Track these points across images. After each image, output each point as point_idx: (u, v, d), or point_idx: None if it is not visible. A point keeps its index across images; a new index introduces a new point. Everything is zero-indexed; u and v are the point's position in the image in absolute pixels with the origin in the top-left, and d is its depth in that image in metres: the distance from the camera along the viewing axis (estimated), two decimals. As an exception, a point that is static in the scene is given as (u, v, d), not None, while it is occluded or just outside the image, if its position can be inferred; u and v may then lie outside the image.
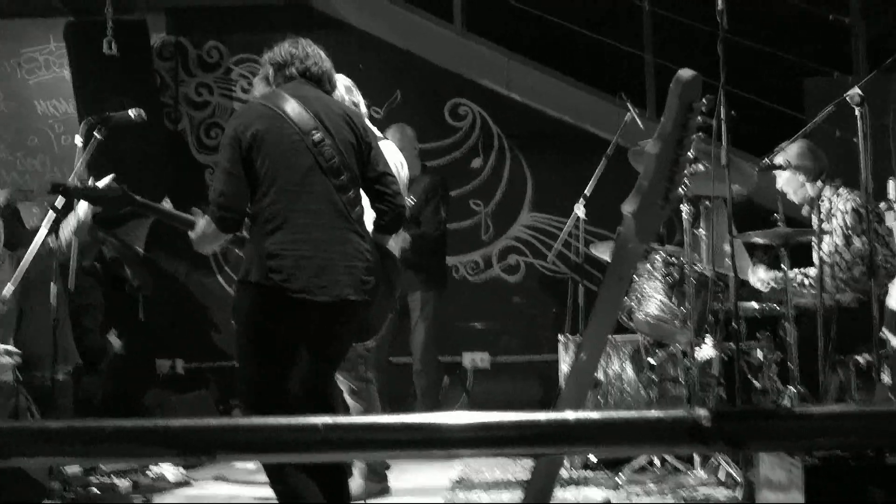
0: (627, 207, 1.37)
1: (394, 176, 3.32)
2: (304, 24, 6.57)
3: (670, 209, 1.39)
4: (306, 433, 1.23)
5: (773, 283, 4.63)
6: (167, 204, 6.28)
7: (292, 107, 3.08)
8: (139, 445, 1.23)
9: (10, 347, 3.79)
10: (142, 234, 6.79)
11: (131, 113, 4.17)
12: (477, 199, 6.82)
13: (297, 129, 3.05)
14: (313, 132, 3.06)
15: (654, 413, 1.23)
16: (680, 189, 1.40)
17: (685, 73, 1.33)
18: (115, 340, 5.65)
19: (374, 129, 3.81)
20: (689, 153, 1.37)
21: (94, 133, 4.15)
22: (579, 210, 5.13)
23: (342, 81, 3.91)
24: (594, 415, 1.22)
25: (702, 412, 1.22)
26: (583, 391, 1.41)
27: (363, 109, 4.05)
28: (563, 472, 4.55)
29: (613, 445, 1.29)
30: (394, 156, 4.07)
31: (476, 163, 6.84)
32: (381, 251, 3.24)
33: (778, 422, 1.22)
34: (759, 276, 4.72)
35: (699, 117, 1.36)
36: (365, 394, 4.21)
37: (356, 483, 4.10)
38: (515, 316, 6.72)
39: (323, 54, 3.31)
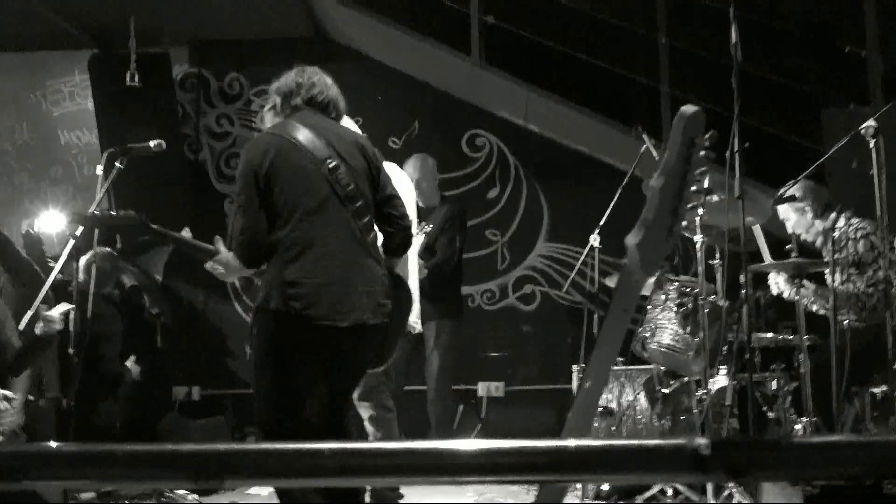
0: (632, 240, 1.39)
1: (401, 198, 3.35)
2: (324, 56, 6.67)
3: (674, 242, 1.41)
4: (313, 458, 1.26)
5: (786, 294, 4.65)
6: (187, 233, 6.35)
7: (305, 135, 3.11)
8: (149, 470, 1.25)
9: (8, 392, 3.84)
10: (160, 262, 6.87)
11: (151, 144, 4.23)
12: (493, 228, 6.86)
13: (312, 158, 3.08)
14: (328, 160, 3.08)
15: (653, 441, 1.25)
16: (685, 222, 1.43)
17: (688, 108, 1.36)
18: (133, 367, 5.69)
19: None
20: (692, 187, 1.40)
21: (115, 163, 4.22)
22: (594, 240, 5.15)
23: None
24: (594, 443, 1.24)
25: (702, 441, 1.23)
26: (588, 420, 1.44)
27: None
28: (576, 502, 4.54)
29: (613, 474, 1.31)
30: (402, 182, 4.11)
31: (493, 193, 6.89)
32: (392, 276, 3.27)
33: (778, 451, 1.23)
34: (778, 282, 4.71)
35: (702, 151, 1.39)
36: (384, 422, 4.23)
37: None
38: (530, 345, 6.73)
39: (329, 81, 3.34)
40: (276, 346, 3.03)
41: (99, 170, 4.33)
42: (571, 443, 1.26)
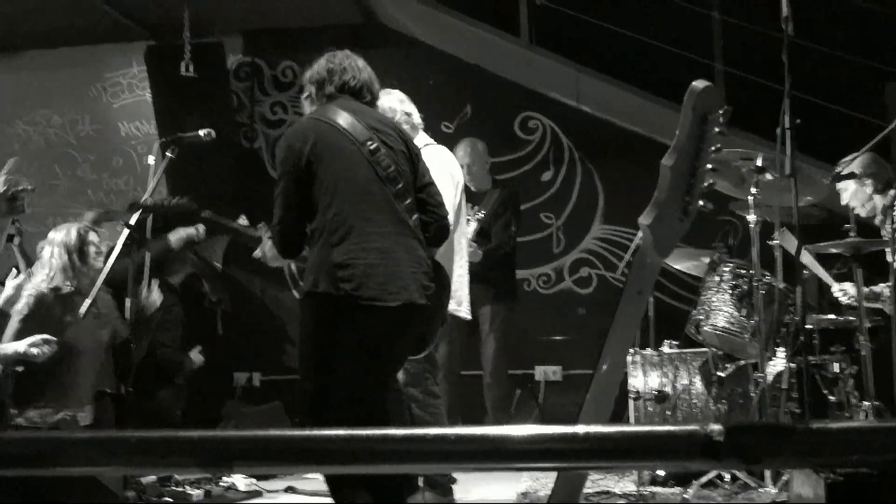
0: (644, 220, 1.36)
1: (437, 187, 3.34)
2: (375, 41, 6.69)
3: (690, 222, 1.37)
4: (320, 444, 1.26)
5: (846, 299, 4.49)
6: (243, 220, 6.45)
7: (345, 118, 3.12)
8: (161, 456, 1.27)
9: (48, 336, 3.91)
10: (219, 250, 6.97)
11: (201, 133, 4.29)
12: (548, 211, 6.80)
13: (353, 140, 3.08)
14: (368, 142, 3.09)
15: (665, 428, 1.22)
16: (701, 202, 1.38)
17: (699, 84, 1.32)
18: (197, 357, 5.78)
19: (426, 136, 3.85)
20: (707, 165, 1.36)
21: (167, 152, 4.29)
22: (649, 221, 5.06)
23: (395, 95, 3.97)
24: (604, 429, 1.22)
25: (715, 427, 1.20)
26: (605, 405, 1.41)
27: (416, 120, 4.07)
28: (632, 488, 4.50)
29: (625, 460, 1.28)
30: (449, 165, 4.08)
31: (546, 176, 6.82)
32: (432, 261, 3.26)
33: (793, 438, 1.20)
34: (845, 289, 4.54)
35: (717, 128, 1.35)
36: (432, 408, 4.23)
37: (421, 497, 4.11)
38: (587, 328, 6.66)
39: (360, 64, 3.33)
40: (328, 330, 3.01)
41: (151, 159, 4.42)
42: (580, 429, 1.24)
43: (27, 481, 3.00)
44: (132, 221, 4.37)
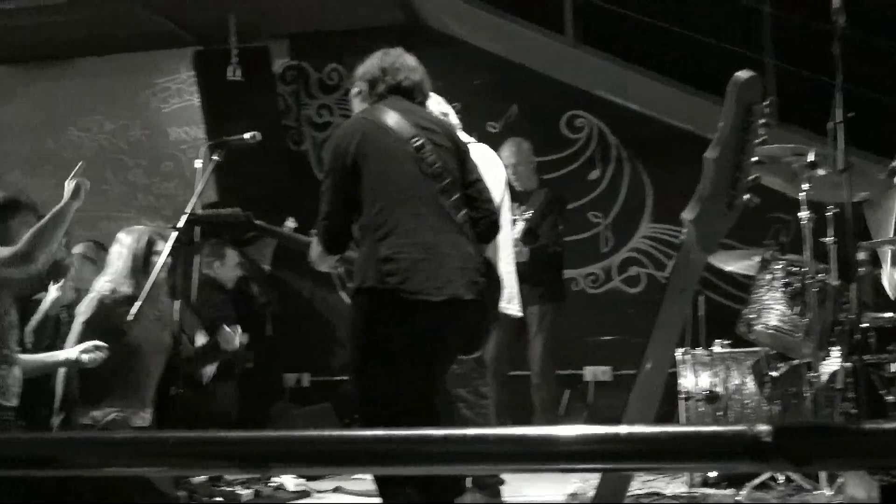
0: (688, 215, 1.33)
1: (485, 183, 3.33)
2: (420, 42, 6.64)
3: (735, 217, 1.33)
4: (357, 445, 1.25)
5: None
6: (291, 223, 6.49)
7: (392, 118, 3.12)
8: (198, 457, 1.26)
9: (100, 343, 3.95)
10: (268, 252, 7.03)
11: (247, 136, 4.32)
12: (596, 210, 6.74)
13: (398, 137, 3.09)
14: (413, 139, 3.10)
15: (711, 428, 1.18)
16: (746, 196, 1.34)
17: (742, 74, 1.28)
18: (235, 333, 5.81)
19: (465, 135, 3.84)
20: (752, 158, 1.32)
21: (213, 156, 4.33)
22: (698, 219, 4.98)
23: (432, 98, 3.96)
24: (647, 429, 1.18)
25: (763, 428, 1.16)
26: (650, 405, 1.37)
27: (454, 121, 4.06)
28: (683, 489, 4.44)
29: (669, 461, 1.25)
30: (492, 163, 4.07)
31: (594, 174, 6.76)
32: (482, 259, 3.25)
33: (845, 439, 1.15)
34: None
35: (762, 119, 1.31)
36: (480, 409, 4.21)
37: (470, 498, 4.09)
38: (637, 328, 6.57)
39: (412, 63, 3.33)
40: (375, 325, 3.01)
41: (197, 163, 4.47)
42: (623, 429, 1.21)
43: (79, 481, 3.04)
44: (180, 225, 4.44)
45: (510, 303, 4.23)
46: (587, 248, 6.71)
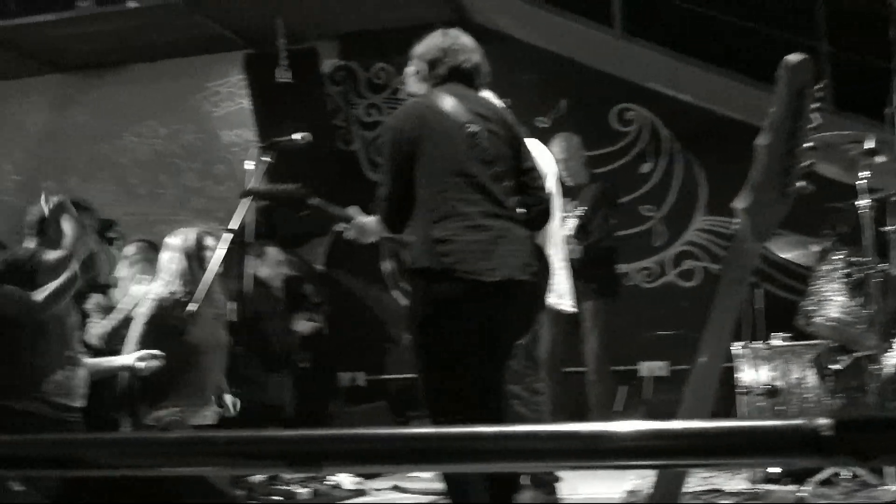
0: (740, 204, 1.29)
1: (539, 171, 3.34)
2: (468, 39, 6.66)
3: (789, 205, 1.30)
4: (407, 442, 1.24)
5: None
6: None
7: (449, 102, 3.14)
8: (249, 456, 1.26)
9: (156, 351, 3.97)
10: (320, 252, 7.08)
11: (297, 137, 4.34)
12: (648, 204, 6.66)
13: (454, 123, 3.11)
14: (468, 125, 3.11)
15: (768, 422, 1.15)
16: (800, 183, 1.31)
17: (793, 57, 1.24)
18: (304, 325, 5.87)
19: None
20: (805, 144, 1.28)
21: (264, 158, 4.37)
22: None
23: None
24: (701, 424, 1.16)
25: (823, 421, 1.12)
26: (704, 400, 1.34)
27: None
28: (744, 485, 4.36)
29: (724, 457, 1.22)
30: (541, 156, 4.05)
31: (645, 168, 6.68)
32: (533, 245, 3.25)
33: (910, 431, 1.11)
34: None
35: (815, 104, 1.27)
36: (535, 405, 4.18)
37: (529, 497, 4.07)
38: (692, 322, 6.48)
39: (471, 44, 3.32)
40: (430, 306, 3.01)
41: (248, 165, 4.51)
42: (676, 424, 1.18)
43: (137, 479, 3.08)
44: (233, 225, 4.48)
45: (562, 298, 4.20)
46: (640, 243, 6.63)
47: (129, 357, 3.79)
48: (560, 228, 4.44)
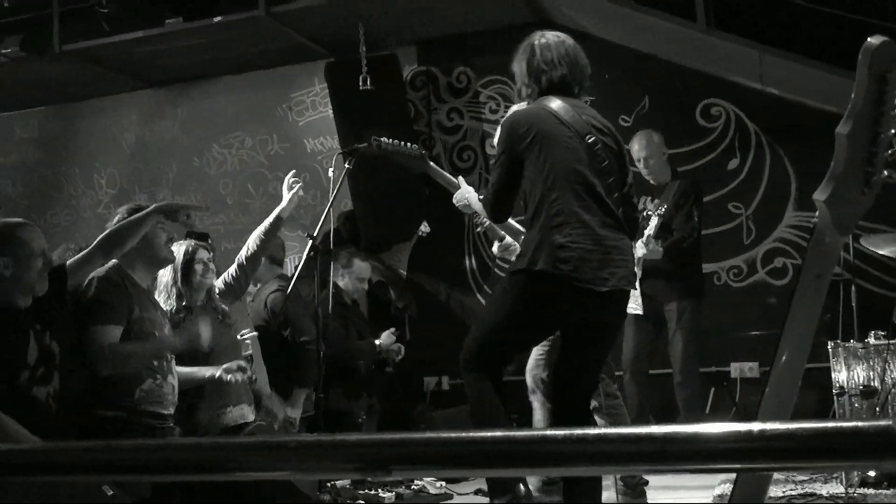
0: (820, 196, 1.24)
1: (633, 188, 3.48)
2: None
3: (873, 196, 1.24)
4: (477, 446, 1.22)
5: None
6: (425, 227, 6.55)
7: (567, 112, 3.23)
8: (319, 460, 1.26)
9: (243, 363, 3.99)
10: (404, 257, 7.11)
11: (373, 143, 4.37)
12: (736, 201, 6.49)
13: (575, 133, 3.21)
14: (588, 136, 3.22)
15: (852, 424, 1.09)
16: (885, 172, 1.24)
17: (874, 40, 1.18)
18: (387, 338, 5.91)
19: None
20: (890, 130, 1.22)
21: (345, 164, 4.42)
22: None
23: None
24: (781, 426, 1.11)
25: (913, 422, 1.07)
26: (786, 401, 1.29)
27: None
28: (840, 490, 4.21)
29: (805, 460, 1.16)
30: None
31: (733, 164, 6.53)
32: None
33: None
34: None
35: (899, 89, 1.21)
36: (612, 409, 4.13)
37: (616, 498, 4.03)
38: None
39: (570, 49, 3.35)
40: (540, 306, 3.16)
41: (330, 172, 4.57)
42: (755, 426, 1.13)
43: (223, 483, 3.13)
44: (315, 233, 4.53)
45: (633, 301, 4.15)
46: (729, 241, 6.47)
47: (217, 369, 3.84)
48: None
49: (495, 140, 3.70)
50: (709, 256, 6.00)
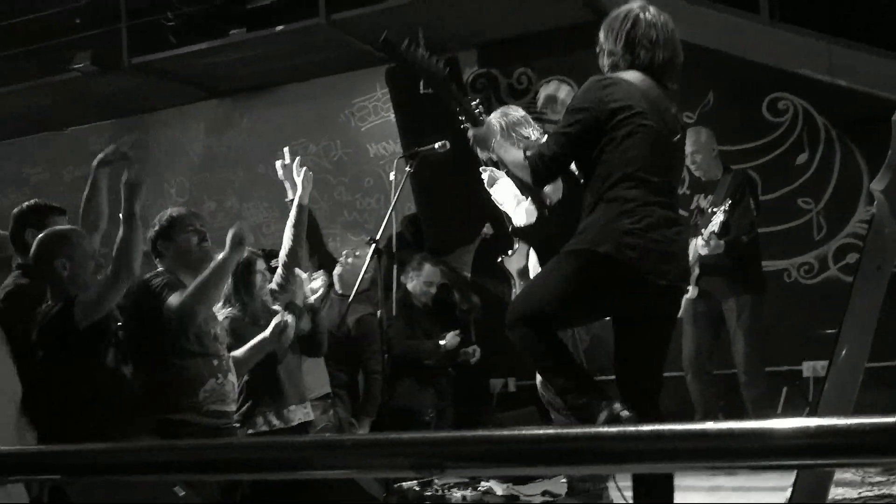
0: (877, 186, 1.21)
1: None
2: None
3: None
4: (528, 444, 1.22)
5: None
6: (489, 230, 6.55)
7: (662, 102, 3.08)
8: (374, 458, 1.28)
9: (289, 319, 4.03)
10: (468, 258, 7.12)
11: (436, 145, 4.41)
12: (806, 196, 6.36)
13: (667, 128, 3.07)
14: (674, 135, 3.11)
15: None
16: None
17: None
18: (452, 339, 5.93)
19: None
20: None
21: (406, 167, 4.46)
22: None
23: (515, 112, 3.89)
24: (839, 421, 1.08)
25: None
26: (846, 395, 1.26)
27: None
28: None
29: (865, 456, 1.13)
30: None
31: (802, 158, 6.39)
32: None
33: None
34: None
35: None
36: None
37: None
38: (860, 319, 6.14)
39: (674, 35, 3.21)
40: (596, 287, 3.04)
41: (392, 175, 4.61)
42: (812, 422, 1.11)
43: (291, 485, 3.18)
44: (377, 237, 4.58)
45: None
46: (799, 237, 6.34)
47: (266, 331, 3.92)
48: None
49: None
50: (778, 253, 5.89)
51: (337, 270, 5.51)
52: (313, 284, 4.35)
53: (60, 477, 1.68)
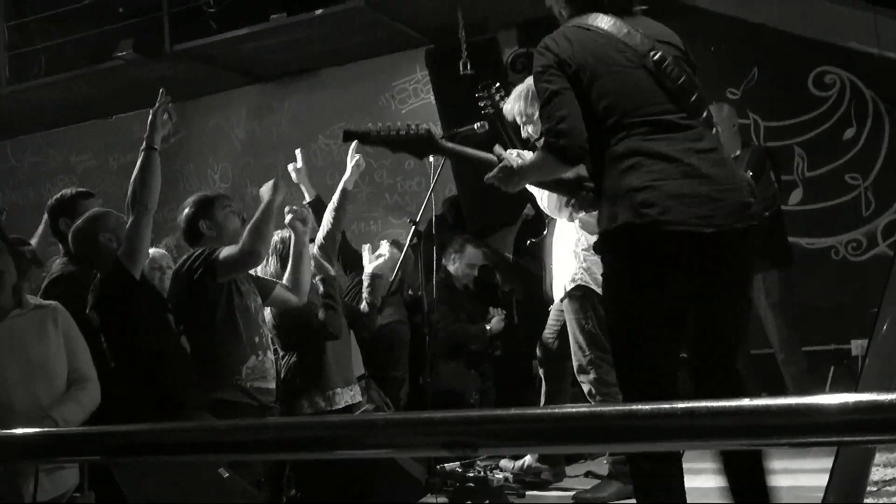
0: (919, 157, 1.16)
1: None
2: (652, 13, 6.46)
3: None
4: (561, 423, 1.21)
5: None
6: (530, 210, 6.50)
7: (616, 26, 2.63)
8: (406, 437, 1.28)
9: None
10: (510, 240, 7.09)
11: (475, 126, 4.39)
12: (853, 172, 6.23)
13: (632, 52, 2.61)
14: (651, 52, 2.61)
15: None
16: None
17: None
18: (497, 324, 5.93)
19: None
20: None
21: (445, 148, 4.42)
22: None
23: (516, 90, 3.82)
24: (879, 397, 1.06)
25: None
26: (887, 373, 1.23)
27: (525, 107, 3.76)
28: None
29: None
30: None
31: (849, 133, 6.26)
32: None
33: None
34: None
35: None
36: (607, 398, 4.11)
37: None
38: (910, 297, 6.02)
39: None
40: (635, 271, 2.56)
41: (431, 158, 4.60)
42: (850, 397, 1.09)
43: (335, 468, 3.20)
44: (417, 219, 4.57)
45: None
46: (846, 213, 6.23)
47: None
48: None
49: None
50: (825, 230, 5.80)
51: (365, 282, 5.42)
52: (380, 250, 4.47)
53: (100, 458, 1.71)
